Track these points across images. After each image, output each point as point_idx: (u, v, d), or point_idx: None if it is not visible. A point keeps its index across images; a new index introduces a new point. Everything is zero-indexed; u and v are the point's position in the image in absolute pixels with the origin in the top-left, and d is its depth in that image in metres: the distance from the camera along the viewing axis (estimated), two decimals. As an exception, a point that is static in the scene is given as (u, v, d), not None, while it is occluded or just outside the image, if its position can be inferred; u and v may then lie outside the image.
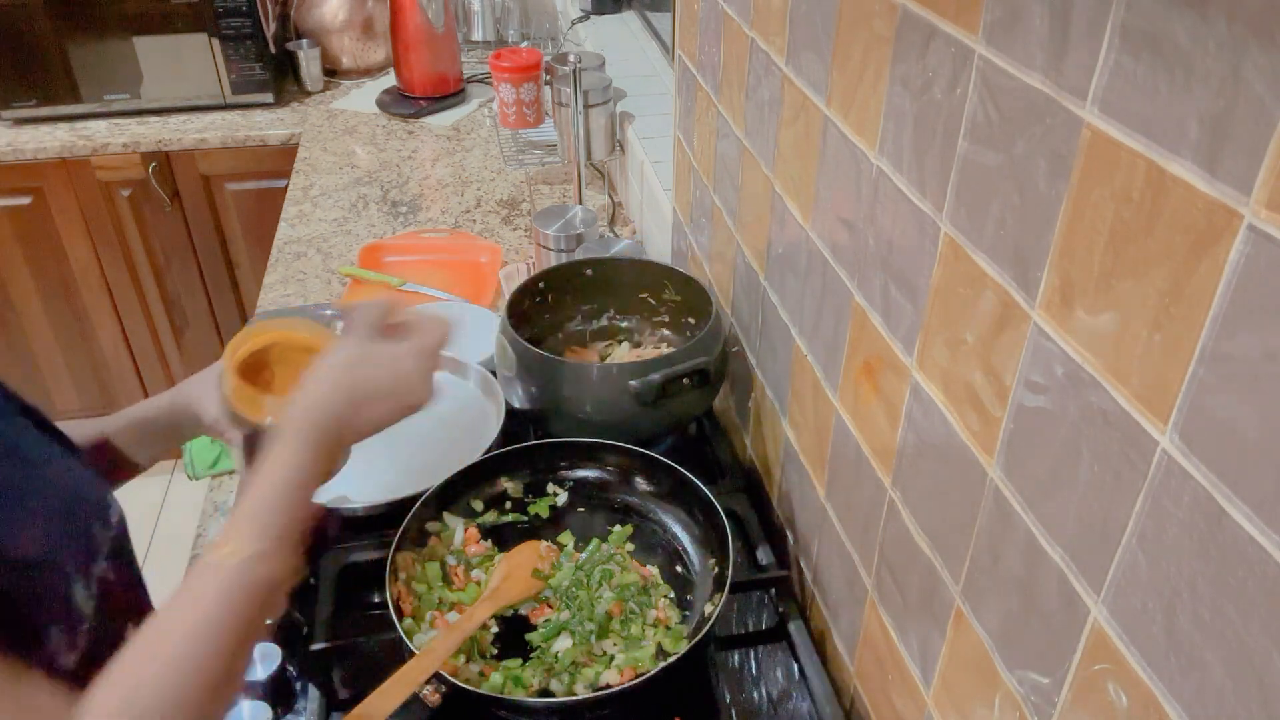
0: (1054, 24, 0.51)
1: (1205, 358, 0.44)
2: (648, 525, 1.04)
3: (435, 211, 1.93)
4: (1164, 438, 0.47)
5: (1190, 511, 0.45)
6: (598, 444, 1.08)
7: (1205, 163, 0.42)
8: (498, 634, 0.92)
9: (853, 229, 0.81)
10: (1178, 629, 0.47)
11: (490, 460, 1.06)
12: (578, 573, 0.96)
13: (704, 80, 1.21)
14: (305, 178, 2.07)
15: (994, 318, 0.60)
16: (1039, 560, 0.58)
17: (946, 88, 0.63)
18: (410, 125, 2.32)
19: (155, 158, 2.25)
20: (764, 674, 0.96)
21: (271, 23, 2.34)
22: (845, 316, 0.84)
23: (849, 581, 0.90)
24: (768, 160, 1.00)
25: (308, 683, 0.92)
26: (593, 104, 1.70)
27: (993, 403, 0.62)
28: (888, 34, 0.70)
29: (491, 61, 1.89)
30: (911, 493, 0.75)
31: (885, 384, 0.78)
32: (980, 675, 0.67)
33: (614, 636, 0.90)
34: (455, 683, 0.82)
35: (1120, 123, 0.47)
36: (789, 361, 1.01)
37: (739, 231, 1.14)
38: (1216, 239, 0.42)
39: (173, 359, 2.58)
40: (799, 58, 0.89)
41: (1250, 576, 0.42)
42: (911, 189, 0.70)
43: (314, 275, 1.72)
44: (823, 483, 0.95)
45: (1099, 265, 0.50)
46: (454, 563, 0.98)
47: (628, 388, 1.07)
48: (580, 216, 1.50)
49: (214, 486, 1.24)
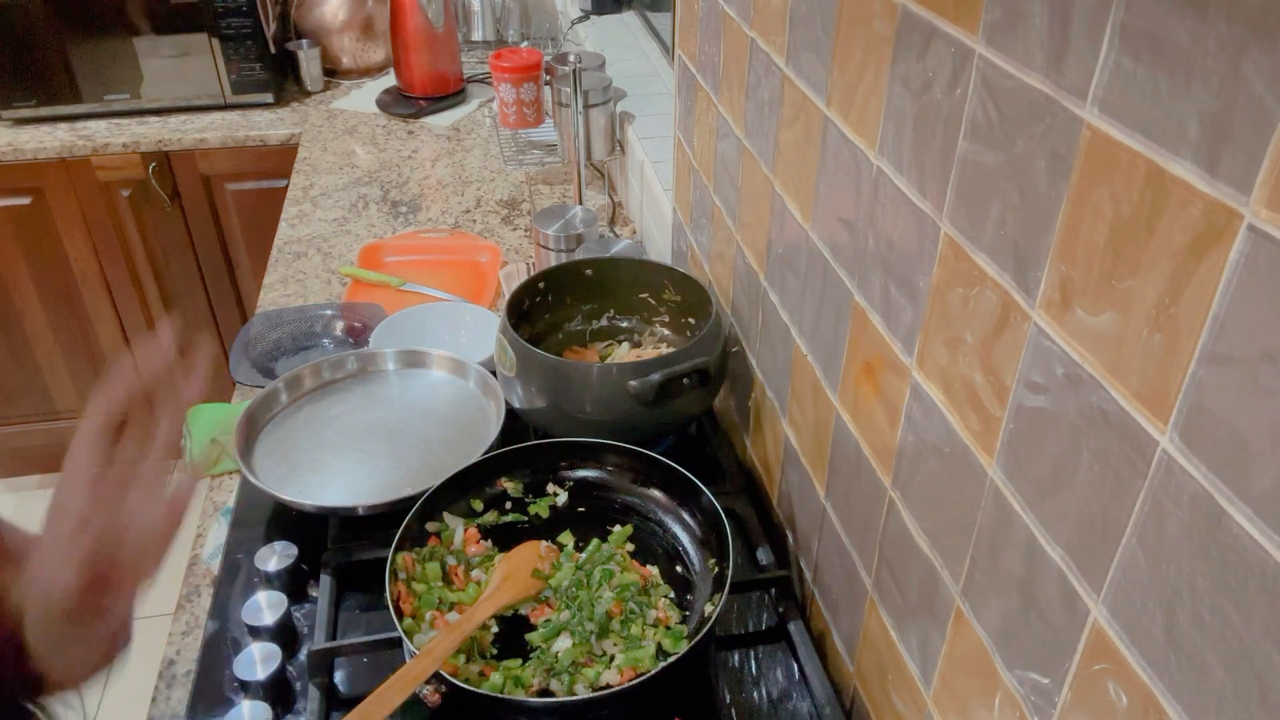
0: (1054, 24, 0.51)
1: (1205, 358, 0.44)
2: (648, 525, 1.04)
3: (435, 211, 1.93)
4: (1164, 438, 0.47)
5: (1190, 511, 0.45)
6: (598, 444, 1.08)
7: (1205, 163, 0.42)
8: (498, 634, 0.92)
9: (853, 229, 0.81)
10: (1178, 629, 0.47)
11: (490, 460, 1.06)
12: (578, 573, 0.96)
13: (704, 80, 1.21)
14: (305, 178, 2.07)
15: (994, 318, 0.60)
16: (1039, 560, 0.58)
17: (946, 88, 0.63)
18: (410, 125, 2.32)
19: (155, 158, 2.25)
20: (764, 674, 0.96)
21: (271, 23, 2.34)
22: (845, 316, 0.84)
23: (849, 581, 0.90)
24: (768, 160, 1.00)
25: (308, 683, 0.92)
26: (593, 104, 1.70)
27: (993, 403, 0.62)
28: (888, 34, 0.70)
29: (491, 61, 1.89)
30: (911, 493, 0.75)
31: (885, 384, 0.78)
32: (980, 675, 0.67)
33: (614, 636, 0.90)
34: (455, 683, 0.82)
35: (1120, 123, 0.47)
36: (789, 361, 1.01)
37: (739, 231, 1.14)
38: (1216, 239, 0.42)
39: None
40: (799, 58, 0.89)
41: (1250, 576, 0.42)
42: (911, 189, 0.70)
43: (314, 275, 1.72)
44: (823, 483, 0.95)
45: (1099, 265, 0.50)
46: (454, 563, 0.98)
47: (628, 388, 1.07)
48: (580, 216, 1.50)
49: (214, 486, 1.24)
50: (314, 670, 0.92)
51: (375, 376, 1.27)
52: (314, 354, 1.44)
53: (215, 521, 1.17)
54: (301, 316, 1.51)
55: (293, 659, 0.96)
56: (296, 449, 1.16)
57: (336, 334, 1.49)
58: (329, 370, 1.26)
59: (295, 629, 1.00)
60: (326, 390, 1.25)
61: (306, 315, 1.52)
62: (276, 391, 1.21)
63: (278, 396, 1.21)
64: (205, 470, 1.25)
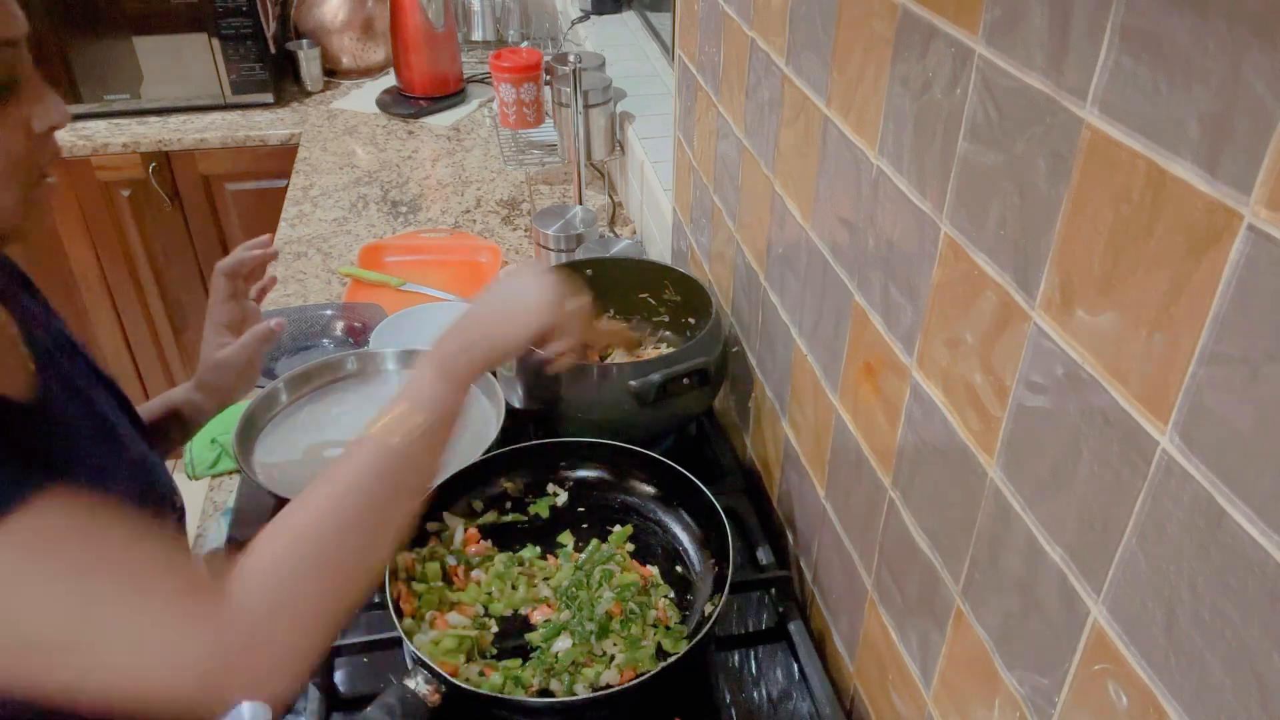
0: (1054, 24, 0.51)
1: (1205, 358, 0.44)
2: (648, 525, 1.04)
3: (435, 211, 1.93)
4: (1164, 438, 0.47)
5: (1190, 511, 0.45)
6: (598, 444, 1.08)
7: (1205, 163, 0.42)
8: (498, 634, 0.92)
9: (853, 229, 0.81)
10: (1178, 629, 0.47)
11: (490, 460, 1.06)
12: (578, 573, 0.96)
13: (704, 80, 1.21)
14: (305, 178, 2.07)
15: (994, 318, 0.60)
16: (1039, 560, 0.58)
17: (946, 88, 0.63)
18: (410, 125, 2.32)
19: (155, 158, 2.25)
20: (764, 674, 0.96)
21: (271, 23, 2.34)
22: (845, 317, 0.84)
23: (849, 581, 0.90)
24: (768, 160, 1.00)
25: (308, 683, 0.92)
26: (593, 104, 1.70)
27: (992, 403, 0.62)
28: (888, 34, 0.70)
29: (491, 61, 1.89)
30: (911, 493, 0.75)
31: (885, 384, 0.78)
32: (980, 675, 0.67)
33: (614, 637, 0.90)
34: (455, 683, 0.82)
35: (1120, 123, 0.47)
36: (789, 361, 1.01)
37: (739, 231, 1.14)
38: (1216, 239, 0.42)
39: (173, 359, 2.58)
40: (799, 58, 0.89)
41: (1250, 576, 0.42)
42: (911, 189, 0.70)
43: (314, 275, 1.72)
44: (823, 483, 0.95)
45: (1099, 265, 0.50)
46: (454, 563, 0.98)
47: (628, 388, 1.07)
48: (580, 216, 1.50)
49: (214, 486, 1.24)
50: (314, 670, 0.92)
51: (375, 376, 1.27)
52: (314, 354, 1.44)
53: (215, 521, 1.17)
54: (301, 316, 1.51)
55: (293, 659, 0.96)
56: (296, 449, 1.16)
57: (336, 334, 1.49)
58: (329, 370, 1.26)
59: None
60: (326, 390, 1.25)
61: (306, 315, 1.52)
62: (276, 391, 1.21)
63: (278, 396, 1.21)
64: (205, 471, 1.26)
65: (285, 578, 0.65)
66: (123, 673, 0.61)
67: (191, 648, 0.61)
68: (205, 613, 0.62)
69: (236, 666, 0.62)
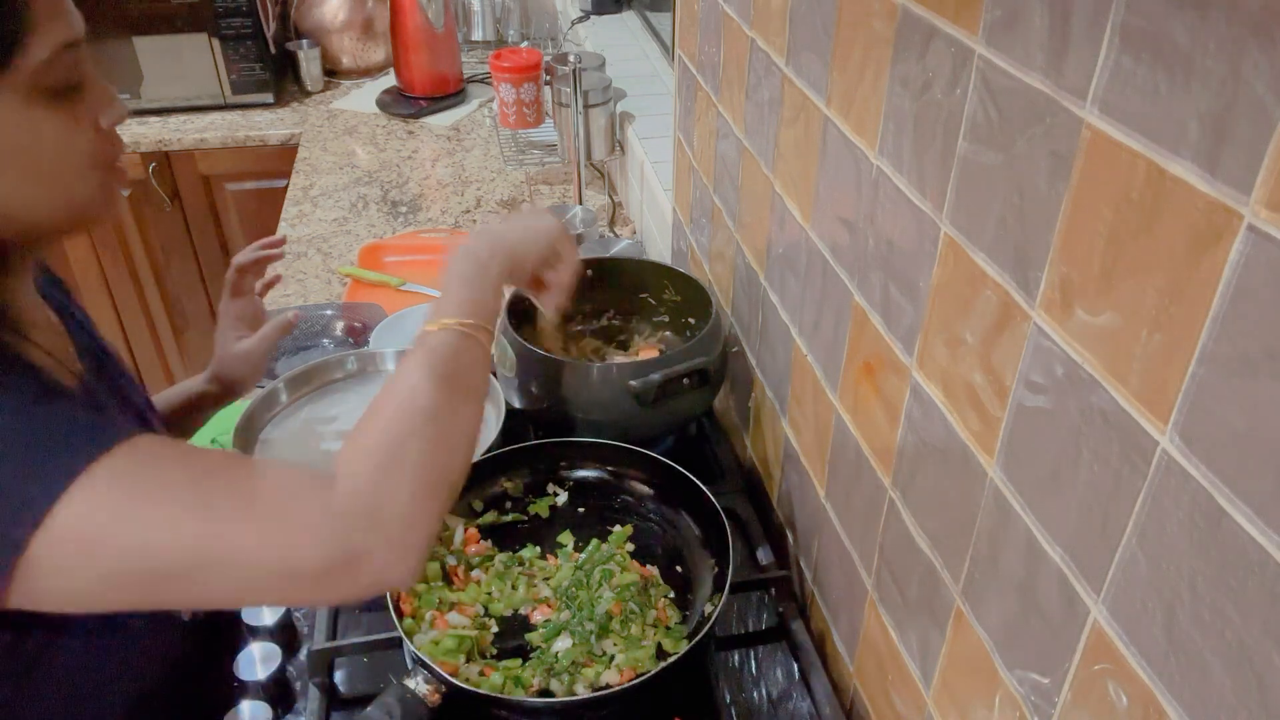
0: (1054, 24, 0.51)
1: (1205, 358, 0.44)
2: (648, 525, 1.04)
3: (435, 211, 1.93)
4: (1164, 438, 0.47)
5: (1190, 511, 0.45)
6: (598, 444, 1.08)
7: (1205, 163, 0.42)
8: (498, 634, 0.92)
9: (853, 229, 0.81)
10: (1178, 629, 0.47)
11: (490, 460, 1.06)
12: (578, 573, 0.96)
13: (704, 80, 1.21)
14: (305, 178, 2.07)
15: (994, 318, 0.60)
16: (1039, 560, 0.58)
17: (946, 88, 0.63)
18: (410, 125, 2.32)
19: (155, 158, 2.25)
20: (764, 674, 0.96)
21: (271, 23, 2.34)
22: (845, 316, 0.84)
23: (849, 581, 0.90)
24: (768, 160, 1.00)
25: (308, 683, 0.92)
26: (593, 104, 1.70)
27: (992, 402, 0.62)
28: (888, 34, 0.70)
29: (491, 61, 1.89)
30: (911, 493, 0.75)
31: (885, 384, 0.78)
32: (980, 675, 0.67)
33: (614, 636, 0.90)
34: (455, 683, 0.82)
35: (1120, 123, 0.47)
36: (789, 361, 1.01)
37: (739, 231, 1.14)
38: (1216, 239, 0.42)
39: (173, 359, 2.58)
40: (799, 58, 0.89)
41: (1250, 576, 0.42)
42: (911, 189, 0.70)
43: (314, 275, 1.72)
44: (823, 483, 0.95)
45: (1099, 265, 0.50)
46: (454, 563, 0.98)
47: (628, 388, 1.07)
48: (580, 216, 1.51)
49: (214, 486, 1.24)
50: (314, 670, 0.92)
51: (375, 376, 1.27)
52: (314, 354, 1.44)
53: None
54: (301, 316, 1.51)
55: (293, 659, 0.96)
56: (296, 449, 1.16)
57: (336, 334, 1.49)
58: (329, 370, 1.26)
59: (295, 629, 1.00)
60: (326, 390, 1.25)
61: (306, 315, 1.51)
62: (276, 391, 1.21)
63: (278, 396, 1.21)
64: None
65: (387, 450, 0.70)
66: (262, 564, 0.64)
67: (321, 520, 0.65)
68: (322, 494, 0.67)
69: (370, 527, 0.66)
